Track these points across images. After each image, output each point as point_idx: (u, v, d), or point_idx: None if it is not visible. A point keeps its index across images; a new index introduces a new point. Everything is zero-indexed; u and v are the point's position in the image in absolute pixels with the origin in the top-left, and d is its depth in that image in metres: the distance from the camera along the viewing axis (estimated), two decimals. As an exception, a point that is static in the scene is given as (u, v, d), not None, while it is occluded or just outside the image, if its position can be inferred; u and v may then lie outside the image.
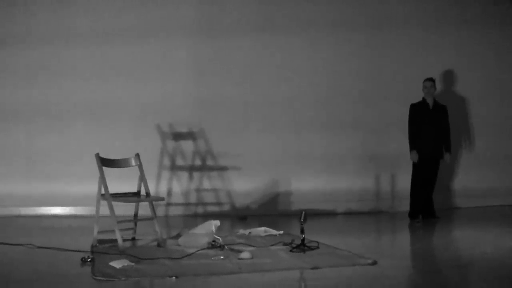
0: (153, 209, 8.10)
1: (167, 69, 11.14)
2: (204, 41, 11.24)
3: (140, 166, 8.14)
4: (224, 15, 11.28)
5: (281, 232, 8.61)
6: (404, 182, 10.56)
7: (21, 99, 10.95)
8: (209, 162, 11.20)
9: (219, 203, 11.12)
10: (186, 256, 7.06)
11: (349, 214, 11.05)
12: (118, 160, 8.16)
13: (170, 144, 11.15)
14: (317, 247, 7.40)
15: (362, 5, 11.52)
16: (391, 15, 11.57)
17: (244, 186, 11.08)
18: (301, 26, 11.39)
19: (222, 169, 11.18)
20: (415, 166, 10.16)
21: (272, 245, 7.73)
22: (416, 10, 11.63)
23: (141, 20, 11.10)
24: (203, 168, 11.19)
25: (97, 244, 7.70)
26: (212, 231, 7.79)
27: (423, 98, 10.23)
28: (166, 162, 11.10)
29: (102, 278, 6.10)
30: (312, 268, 6.53)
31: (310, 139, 11.36)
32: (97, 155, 7.87)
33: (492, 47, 11.83)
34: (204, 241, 7.58)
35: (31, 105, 10.96)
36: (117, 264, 6.56)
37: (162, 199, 8.93)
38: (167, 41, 11.14)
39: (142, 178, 8.13)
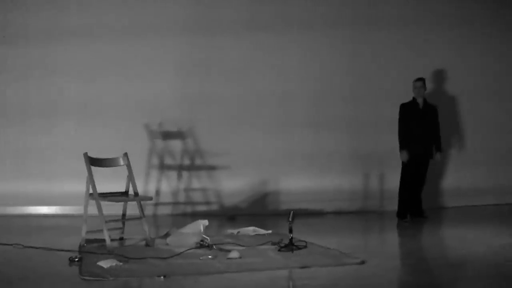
0: (141, 208, 8.08)
1: (157, 68, 11.14)
2: (193, 40, 11.23)
3: (129, 166, 8.12)
4: (214, 14, 11.28)
5: (270, 231, 8.62)
6: (393, 181, 10.57)
7: (10, 98, 10.94)
8: (198, 162, 11.20)
9: (207, 203, 11.12)
10: (175, 255, 7.06)
11: (337, 213, 11.05)
12: (106, 159, 8.14)
13: (159, 143, 11.14)
14: (305, 247, 7.41)
15: (353, 4, 11.55)
16: (382, 14, 11.60)
17: (232, 185, 11.09)
18: (291, 25, 11.41)
19: (211, 168, 11.17)
20: (404, 165, 10.16)
21: (261, 244, 7.73)
22: (406, 9, 11.67)
23: (131, 19, 11.10)
24: (192, 167, 11.18)
25: (85, 244, 7.68)
26: (201, 230, 7.79)
27: (413, 97, 10.23)
28: (155, 161, 11.09)
29: (90, 278, 6.09)
30: (301, 268, 6.53)
31: (299, 138, 11.37)
32: (85, 154, 7.85)
33: (482, 46, 11.88)
34: (193, 240, 7.58)
35: (20, 104, 10.95)
36: (105, 263, 6.54)
37: (151, 198, 8.91)
38: (156, 40, 11.14)
39: (131, 178, 8.11)
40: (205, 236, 7.66)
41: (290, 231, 7.39)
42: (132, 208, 8.31)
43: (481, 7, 11.87)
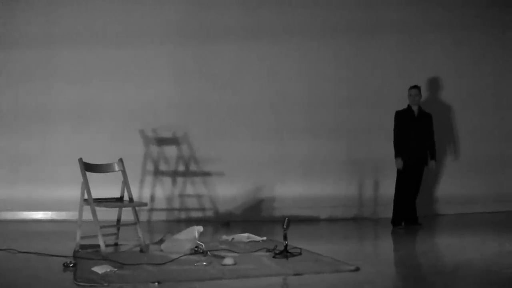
0: (136, 214, 8.08)
1: (151, 73, 11.14)
2: (188, 46, 11.24)
3: (124, 171, 8.12)
4: (209, 20, 11.28)
5: (264, 238, 8.61)
6: (387, 188, 10.59)
7: (4, 102, 10.92)
8: (193, 168, 11.19)
9: (202, 209, 11.11)
10: (169, 261, 7.05)
11: (332, 220, 11.06)
12: (101, 165, 8.13)
13: (154, 149, 11.13)
14: (300, 254, 7.40)
15: (347, 11, 11.56)
16: (377, 22, 11.61)
17: (227, 191, 11.08)
18: (285, 31, 11.42)
19: (206, 174, 11.17)
20: (399, 173, 10.17)
21: (255, 251, 7.73)
22: (401, 16, 11.68)
23: (126, 25, 11.10)
24: (187, 173, 11.18)
25: (80, 249, 7.67)
26: (195, 236, 7.78)
27: (408, 105, 10.25)
28: (150, 167, 11.08)
29: (84, 284, 6.07)
30: (295, 274, 6.53)
31: (293, 144, 11.37)
32: (80, 160, 7.84)
33: (477, 54, 11.91)
34: (187, 247, 7.57)
35: (14, 109, 10.93)
36: (99, 269, 6.53)
37: (145, 204, 8.89)
38: (151, 45, 11.15)
39: (125, 183, 8.11)
40: (199, 243, 7.65)
41: (285, 238, 7.38)
42: (127, 214, 8.30)
43: (476, 14, 11.90)
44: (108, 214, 8.25)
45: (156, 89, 11.12)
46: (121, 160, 8.16)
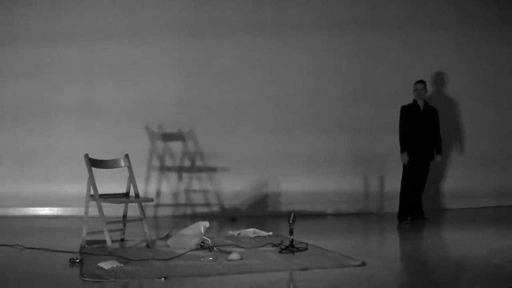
0: (142, 210, 8.09)
1: (156, 70, 11.15)
2: (192, 42, 11.25)
3: (129, 167, 8.13)
4: (213, 16, 11.29)
5: (270, 233, 8.61)
6: (393, 183, 10.58)
7: (9, 99, 10.96)
8: (198, 163, 11.20)
9: (208, 204, 11.13)
10: (175, 257, 7.05)
11: (338, 215, 11.06)
12: (107, 161, 8.15)
13: (159, 145, 11.15)
14: (306, 248, 7.40)
15: (352, 6, 11.56)
16: (381, 17, 11.61)
17: (233, 187, 11.09)
18: (290, 27, 11.42)
19: (211, 170, 11.18)
20: (405, 167, 10.16)
21: (261, 246, 7.73)
22: (406, 12, 11.68)
23: (130, 22, 11.11)
24: (192, 169, 11.19)
25: (86, 245, 7.67)
26: (201, 232, 7.78)
27: (414, 100, 10.24)
28: (155, 163, 11.09)
29: (90, 279, 6.08)
30: (301, 269, 6.53)
31: (299, 140, 11.38)
32: (86, 156, 7.85)
33: (482, 49, 11.90)
34: (193, 242, 7.57)
35: (19, 105, 10.97)
36: (106, 265, 6.54)
37: (151, 200, 8.90)
38: (156, 42, 11.16)
39: (131, 179, 8.11)
40: (205, 238, 7.66)
41: (291, 233, 7.39)
42: (133, 210, 8.32)
43: (480, 9, 11.89)
44: (114, 210, 8.26)
45: (160, 86, 11.13)
46: (127, 156, 8.17)
